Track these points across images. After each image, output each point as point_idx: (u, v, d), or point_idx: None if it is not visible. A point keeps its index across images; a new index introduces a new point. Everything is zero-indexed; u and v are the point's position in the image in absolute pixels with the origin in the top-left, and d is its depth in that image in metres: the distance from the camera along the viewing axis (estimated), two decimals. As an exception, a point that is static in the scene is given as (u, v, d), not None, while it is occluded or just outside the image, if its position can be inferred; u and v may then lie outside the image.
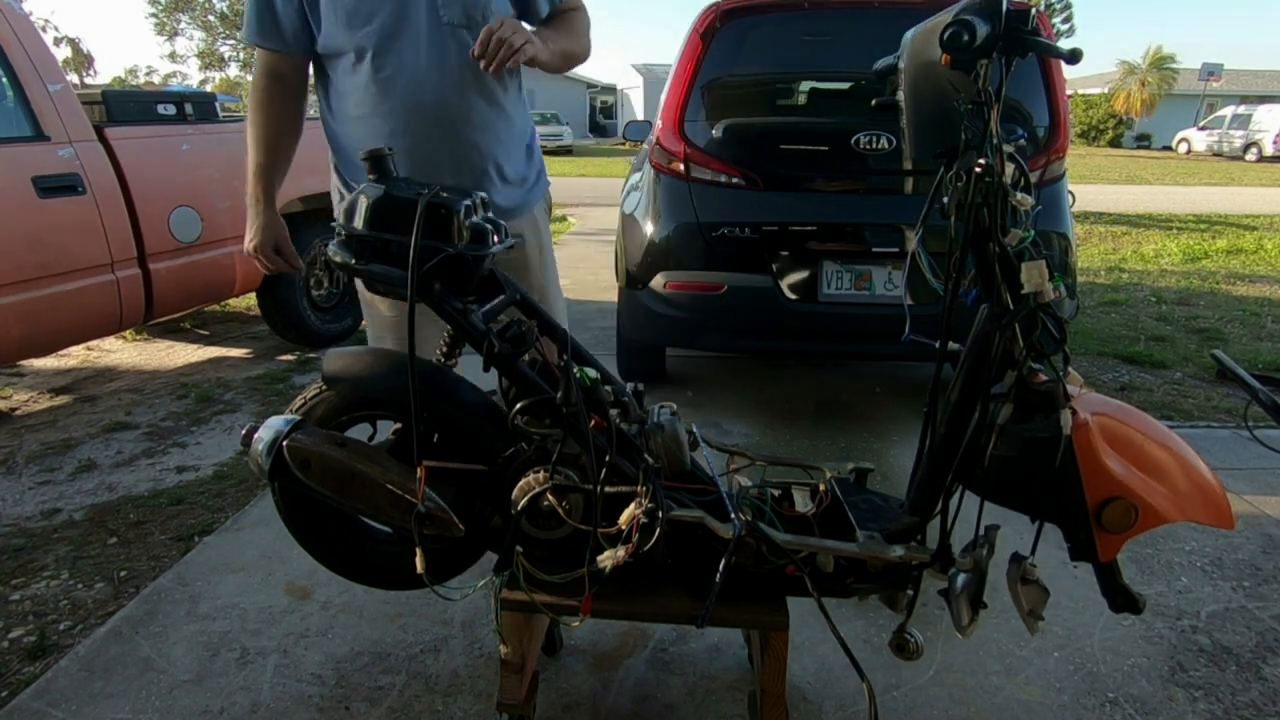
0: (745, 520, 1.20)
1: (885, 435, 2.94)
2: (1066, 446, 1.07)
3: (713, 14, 2.84)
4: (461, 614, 1.80)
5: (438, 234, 1.11)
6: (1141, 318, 4.76)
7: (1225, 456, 2.75)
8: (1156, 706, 1.56)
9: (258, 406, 3.15)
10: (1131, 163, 21.26)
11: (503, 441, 1.25)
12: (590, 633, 1.74)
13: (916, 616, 1.25)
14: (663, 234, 2.83)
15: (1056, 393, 1.07)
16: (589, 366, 1.26)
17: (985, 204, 1.08)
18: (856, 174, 2.77)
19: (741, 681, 1.61)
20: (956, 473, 1.16)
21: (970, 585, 1.16)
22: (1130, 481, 1.07)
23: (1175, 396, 3.38)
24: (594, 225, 8.52)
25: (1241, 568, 2.05)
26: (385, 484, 1.19)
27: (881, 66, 1.27)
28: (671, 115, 2.86)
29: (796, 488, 1.40)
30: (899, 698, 1.57)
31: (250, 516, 2.26)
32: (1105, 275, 6.09)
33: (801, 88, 3.18)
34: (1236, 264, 6.61)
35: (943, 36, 1.01)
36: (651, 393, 1.39)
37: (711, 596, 1.16)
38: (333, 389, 1.32)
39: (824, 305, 2.74)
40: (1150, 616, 1.84)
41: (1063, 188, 2.87)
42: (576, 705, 1.55)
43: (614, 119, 37.08)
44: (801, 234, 2.74)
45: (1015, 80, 1.09)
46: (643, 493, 1.13)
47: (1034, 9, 1.28)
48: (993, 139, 1.06)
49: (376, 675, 1.62)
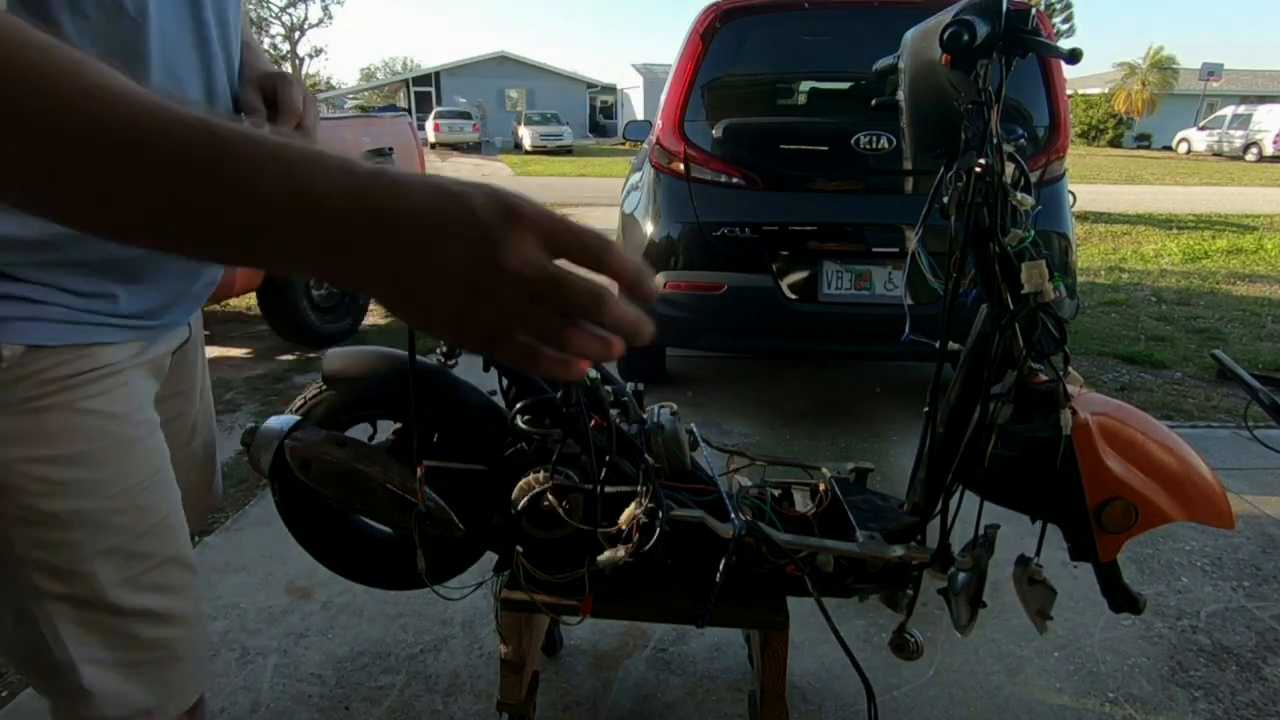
0: (745, 520, 1.20)
1: (885, 435, 2.94)
2: (1067, 446, 1.07)
3: (713, 14, 2.85)
4: (461, 614, 1.80)
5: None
6: (1141, 318, 4.76)
7: (1225, 456, 2.75)
8: (1156, 706, 1.56)
9: (258, 406, 3.15)
10: (1131, 163, 21.26)
11: (503, 441, 1.25)
12: (590, 633, 1.74)
13: (916, 616, 1.25)
14: (663, 234, 2.83)
15: (1056, 393, 1.07)
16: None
17: (985, 204, 1.08)
18: (856, 174, 2.77)
19: (741, 681, 1.61)
20: (956, 473, 1.16)
21: (970, 585, 1.16)
22: (1130, 481, 1.07)
23: (1175, 396, 3.38)
24: (594, 225, 8.49)
25: (1241, 568, 2.05)
26: (385, 484, 1.19)
27: (881, 66, 1.28)
28: (671, 115, 2.86)
29: (796, 488, 1.40)
30: (899, 698, 1.57)
31: (250, 516, 2.26)
32: (1105, 275, 6.09)
33: (801, 88, 3.18)
34: (1236, 264, 6.61)
35: (943, 36, 1.02)
36: (651, 393, 1.39)
37: (711, 596, 1.16)
38: (333, 389, 1.32)
39: (824, 305, 2.74)
40: (1150, 616, 1.84)
41: (1063, 188, 2.87)
42: (576, 705, 1.55)
43: (614, 119, 37.07)
44: (801, 234, 2.74)
45: (1015, 80, 1.09)
46: (643, 493, 1.13)
47: (1034, 9, 1.28)
48: (993, 139, 1.06)
49: (376, 675, 1.62)
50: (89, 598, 0.70)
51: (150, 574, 0.74)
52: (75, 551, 0.68)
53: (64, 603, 0.69)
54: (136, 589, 0.73)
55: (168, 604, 0.76)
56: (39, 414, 0.65)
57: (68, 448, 0.67)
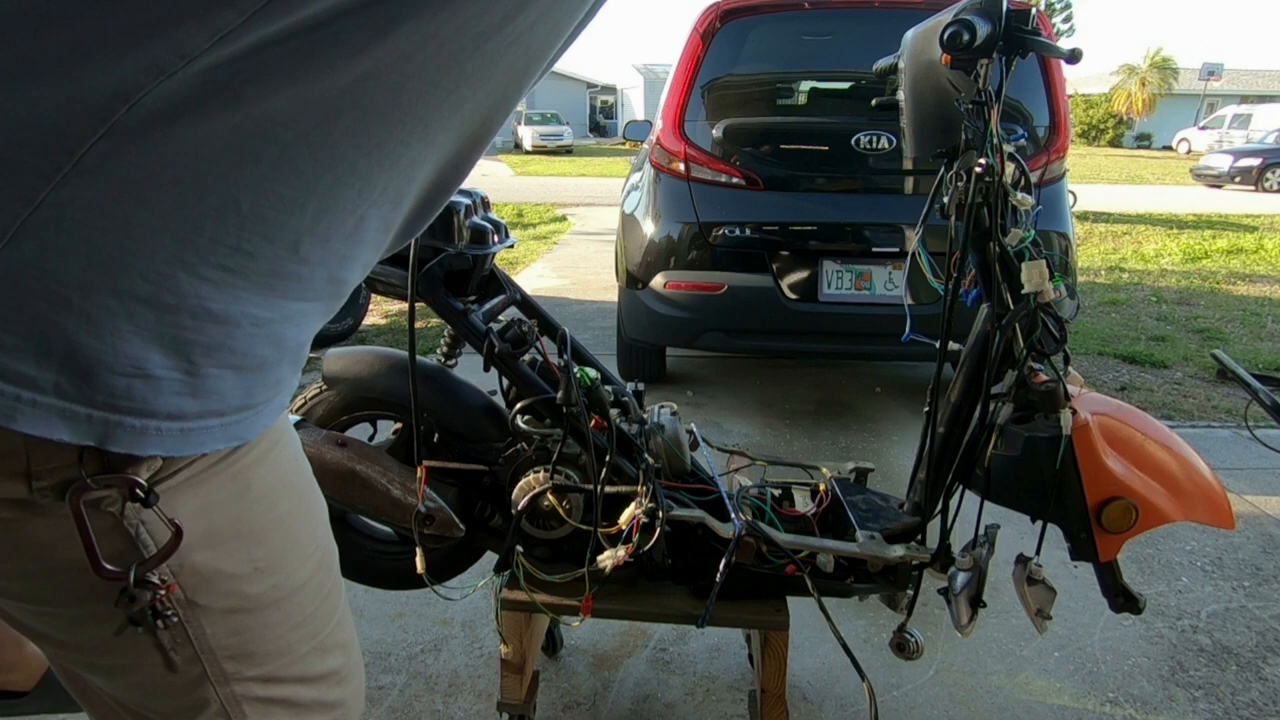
0: (746, 520, 1.20)
1: (885, 435, 2.94)
2: (1067, 446, 1.07)
3: (713, 14, 2.85)
4: (462, 614, 1.80)
5: (438, 234, 1.12)
6: (1142, 317, 4.76)
7: (1225, 456, 2.75)
8: (1157, 706, 1.56)
9: (258, 406, 3.15)
10: (1132, 163, 21.27)
11: (503, 441, 1.25)
12: (590, 633, 1.74)
13: (916, 616, 1.25)
14: (663, 234, 2.83)
15: (1057, 392, 1.07)
16: (589, 366, 1.26)
17: (985, 204, 1.08)
18: (857, 174, 2.77)
19: (741, 681, 1.61)
20: (957, 472, 1.16)
21: (970, 585, 1.16)
22: (1130, 481, 1.07)
23: (1175, 396, 3.38)
24: (594, 225, 8.52)
25: (1242, 567, 2.05)
26: (385, 484, 1.19)
27: (881, 66, 1.27)
28: (672, 115, 2.86)
29: (796, 488, 1.40)
30: (899, 698, 1.57)
31: (250, 516, 2.26)
32: (1105, 275, 6.09)
33: (801, 88, 3.18)
34: (1237, 264, 6.61)
35: (943, 36, 1.02)
36: (651, 393, 1.39)
37: (712, 596, 1.16)
38: (333, 389, 1.32)
39: (824, 305, 2.74)
40: (1150, 616, 1.84)
41: (1063, 187, 2.88)
42: (576, 705, 1.55)
43: (614, 119, 37.09)
44: (802, 234, 2.74)
45: (1015, 80, 1.09)
46: (643, 492, 1.13)
47: (1034, 9, 1.28)
48: (993, 139, 1.06)
49: (377, 675, 1.62)
50: (280, 674, 0.63)
51: (334, 633, 0.68)
52: (270, 631, 0.61)
53: (254, 684, 0.62)
54: (324, 652, 0.67)
55: (346, 660, 0.70)
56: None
57: (272, 516, 0.59)
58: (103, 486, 0.47)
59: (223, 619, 0.58)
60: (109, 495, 0.48)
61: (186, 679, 0.58)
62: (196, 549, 0.54)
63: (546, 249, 7.02)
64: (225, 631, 0.58)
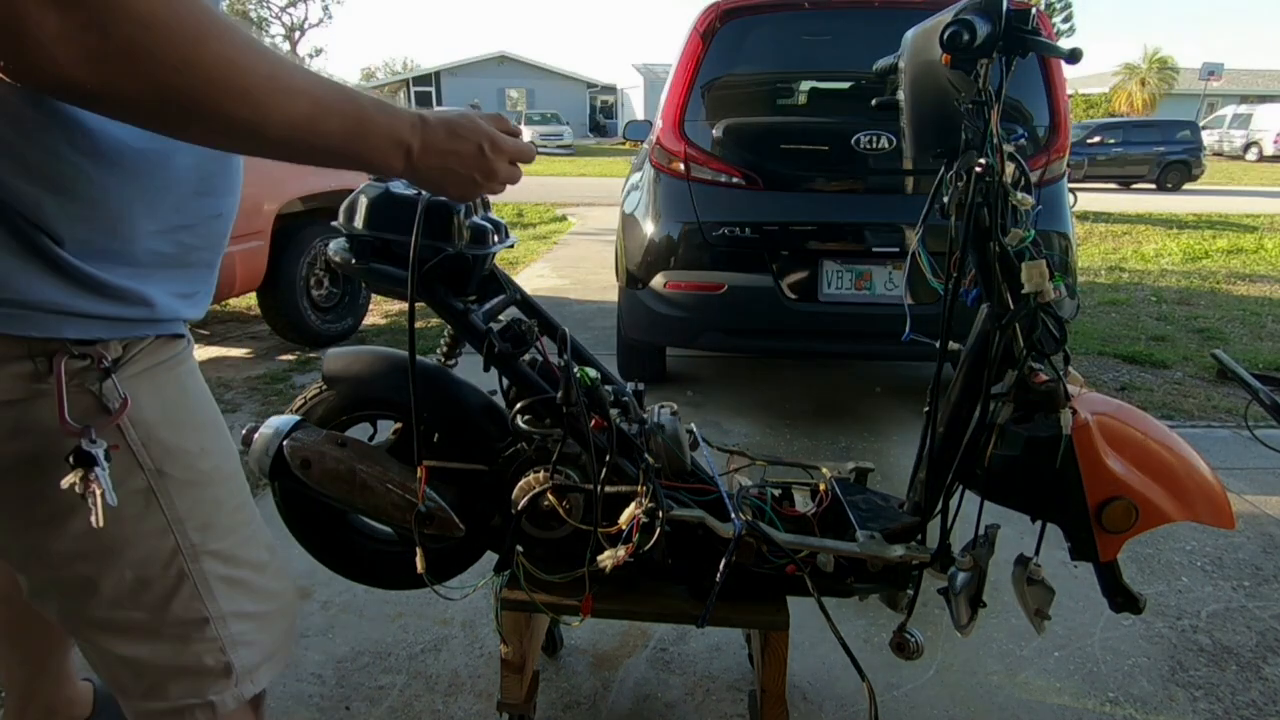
0: (746, 520, 1.20)
1: (885, 435, 2.94)
2: (1067, 446, 1.07)
3: (713, 14, 2.84)
4: (462, 614, 1.80)
5: (438, 233, 1.11)
6: (1142, 317, 4.76)
7: (1225, 456, 2.75)
8: (1157, 706, 1.56)
9: (258, 406, 3.15)
10: (1132, 162, 21.22)
11: (503, 441, 1.25)
12: (590, 633, 1.74)
13: (916, 616, 1.25)
14: (663, 234, 2.83)
15: (1057, 392, 1.07)
16: (589, 366, 1.26)
17: (985, 204, 1.08)
18: (857, 174, 2.77)
19: (741, 681, 1.61)
20: (957, 472, 1.16)
21: (970, 584, 1.16)
22: (1130, 481, 1.07)
23: (1175, 396, 3.38)
24: (594, 225, 8.52)
25: (1242, 567, 2.05)
26: (385, 484, 1.19)
27: (881, 66, 1.27)
28: (672, 115, 2.86)
29: (796, 488, 1.40)
30: (899, 698, 1.57)
31: (250, 516, 2.26)
32: (1105, 275, 6.09)
33: (801, 88, 3.18)
34: (1237, 264, 6.62)
35: (943, 36, 1.01)
36: (651, 393, 1.39)
37: (712, 596, 1.16)
38: (333, 389, 1.31)
39: (824, 305, 2.74)
40: (1150, 616, 1.84)
41: (1063, 187, 2.88)
42: (576, 705, 1.55)
43: (614, 119, 37.06)
44: (802, 234, 2.74)
45: (1015, 80, 1.09)
46: (643, 492, 1.13)
47: (1034, 8, 1.28)
48: (993, 138, 1.06)
49: (377, 675, 1.62)
50: (232, 552, 0.80)
51: (260, 531, 0.87)
52: (221, 508, 0.79)
53: (215, 559, 0.78)
54: (259, 544, 0.85)
55: (272, 558, 0.88)
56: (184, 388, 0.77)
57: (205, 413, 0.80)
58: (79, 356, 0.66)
59: (183, 490, 0.75)
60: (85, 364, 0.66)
61: (162, 554, 0.75)
62: (160, 427, 0.73)
63: (546, 249, 7.02)
64: (188, 503, 0.75)
